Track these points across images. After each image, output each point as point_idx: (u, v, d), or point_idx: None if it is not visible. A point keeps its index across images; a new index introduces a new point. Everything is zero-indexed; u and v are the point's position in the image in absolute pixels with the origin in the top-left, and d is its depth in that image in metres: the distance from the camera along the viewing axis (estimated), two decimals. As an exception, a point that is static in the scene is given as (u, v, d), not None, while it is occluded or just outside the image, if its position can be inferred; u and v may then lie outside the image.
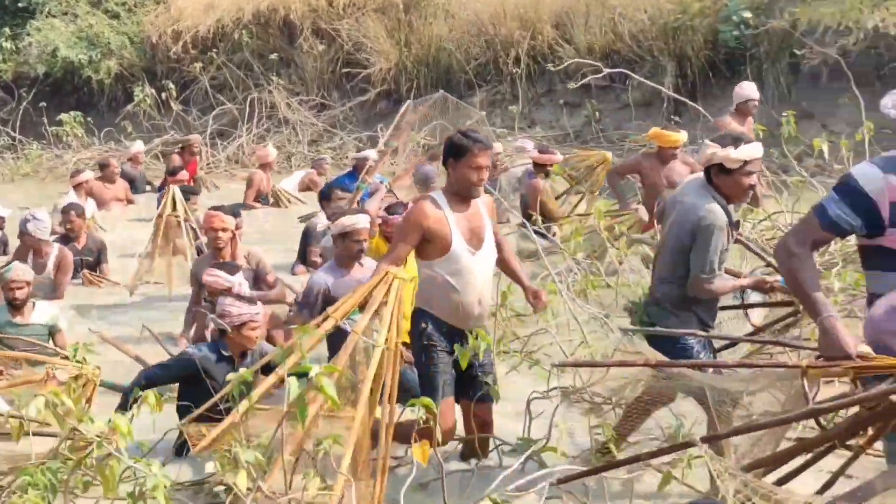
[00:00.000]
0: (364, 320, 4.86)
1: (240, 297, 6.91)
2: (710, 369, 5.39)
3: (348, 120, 21.26)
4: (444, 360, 5.90)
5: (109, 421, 4.08)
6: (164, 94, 21.14)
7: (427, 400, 4.64)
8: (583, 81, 15.84)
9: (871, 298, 4.14)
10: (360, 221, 7.36)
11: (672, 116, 17.58)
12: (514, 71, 19.91)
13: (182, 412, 6.22)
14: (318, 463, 4.47)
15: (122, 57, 22.67)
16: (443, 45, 20.80)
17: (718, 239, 5.63)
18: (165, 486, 3.87)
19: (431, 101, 15.67)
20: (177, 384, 6.76)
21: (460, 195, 5.95)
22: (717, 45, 18.01)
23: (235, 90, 21.86)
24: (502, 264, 6.40)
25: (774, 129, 12.34)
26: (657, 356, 5.23)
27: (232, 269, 7.77)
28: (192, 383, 6.52)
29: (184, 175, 14.61)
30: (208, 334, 7.75)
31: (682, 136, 10.44)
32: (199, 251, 10.35)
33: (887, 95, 4.32)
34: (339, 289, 7.00)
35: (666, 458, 5.04)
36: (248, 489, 4.14)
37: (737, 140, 5.67)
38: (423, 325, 5.95)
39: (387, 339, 4.83)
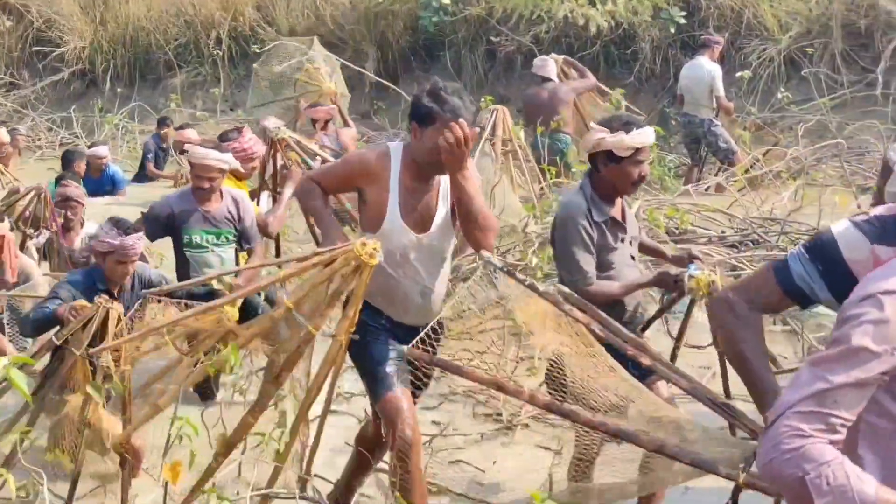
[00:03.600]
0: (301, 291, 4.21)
1: None
2: None
3: (40, 100, 20.35)
4: (383, 349, 4.72)
5: None
6: None
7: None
8: (285, 65, 15.78)
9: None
10: (209, 157, 6.83)
11: (375, 101, 17.88)
12: (216, 52, 19.63)
13: None
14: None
15: None
16: (140, 24, 20.25)
17: (577, 234, 4.79)
18: None
19: None
20: None
21: (418, 165, 4.72)
22: (418, 30, 18.37)
23: (-87, 67, 20.54)
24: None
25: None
26: None
27: None
28: None
29: None
30: None
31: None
32: None
33: None
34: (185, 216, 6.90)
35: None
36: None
37: (627, 124, 4.81)
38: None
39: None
